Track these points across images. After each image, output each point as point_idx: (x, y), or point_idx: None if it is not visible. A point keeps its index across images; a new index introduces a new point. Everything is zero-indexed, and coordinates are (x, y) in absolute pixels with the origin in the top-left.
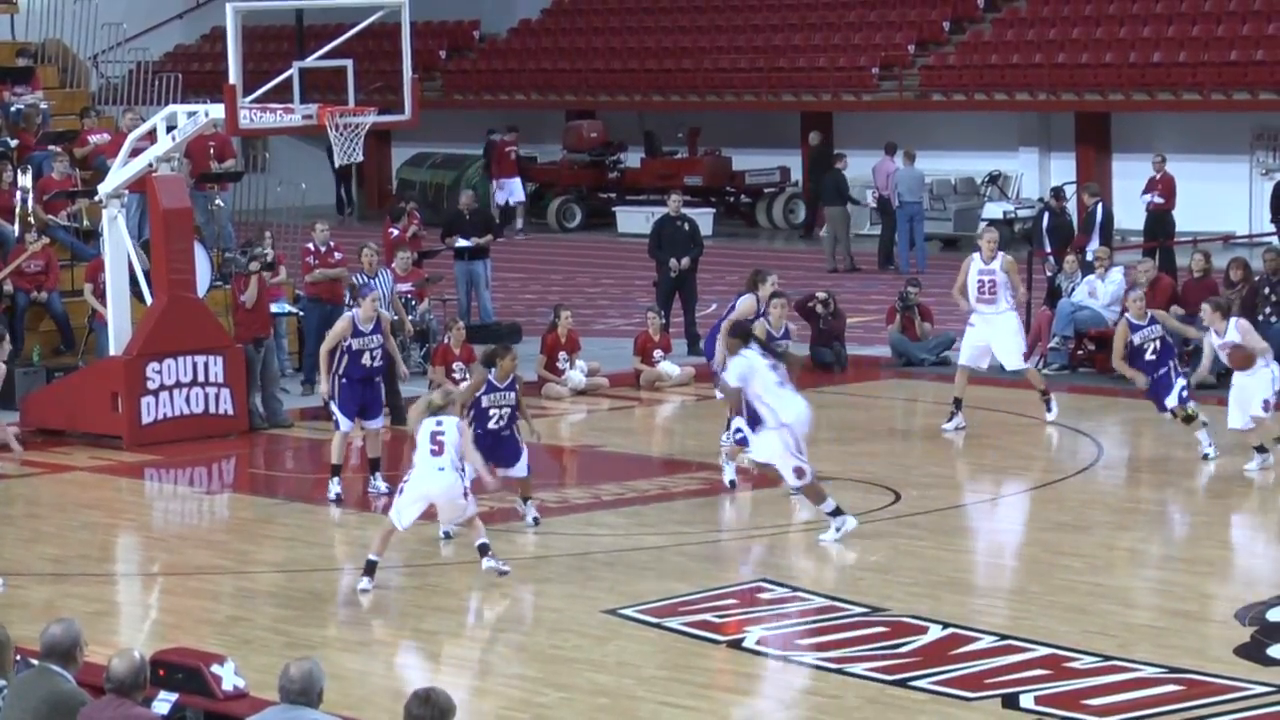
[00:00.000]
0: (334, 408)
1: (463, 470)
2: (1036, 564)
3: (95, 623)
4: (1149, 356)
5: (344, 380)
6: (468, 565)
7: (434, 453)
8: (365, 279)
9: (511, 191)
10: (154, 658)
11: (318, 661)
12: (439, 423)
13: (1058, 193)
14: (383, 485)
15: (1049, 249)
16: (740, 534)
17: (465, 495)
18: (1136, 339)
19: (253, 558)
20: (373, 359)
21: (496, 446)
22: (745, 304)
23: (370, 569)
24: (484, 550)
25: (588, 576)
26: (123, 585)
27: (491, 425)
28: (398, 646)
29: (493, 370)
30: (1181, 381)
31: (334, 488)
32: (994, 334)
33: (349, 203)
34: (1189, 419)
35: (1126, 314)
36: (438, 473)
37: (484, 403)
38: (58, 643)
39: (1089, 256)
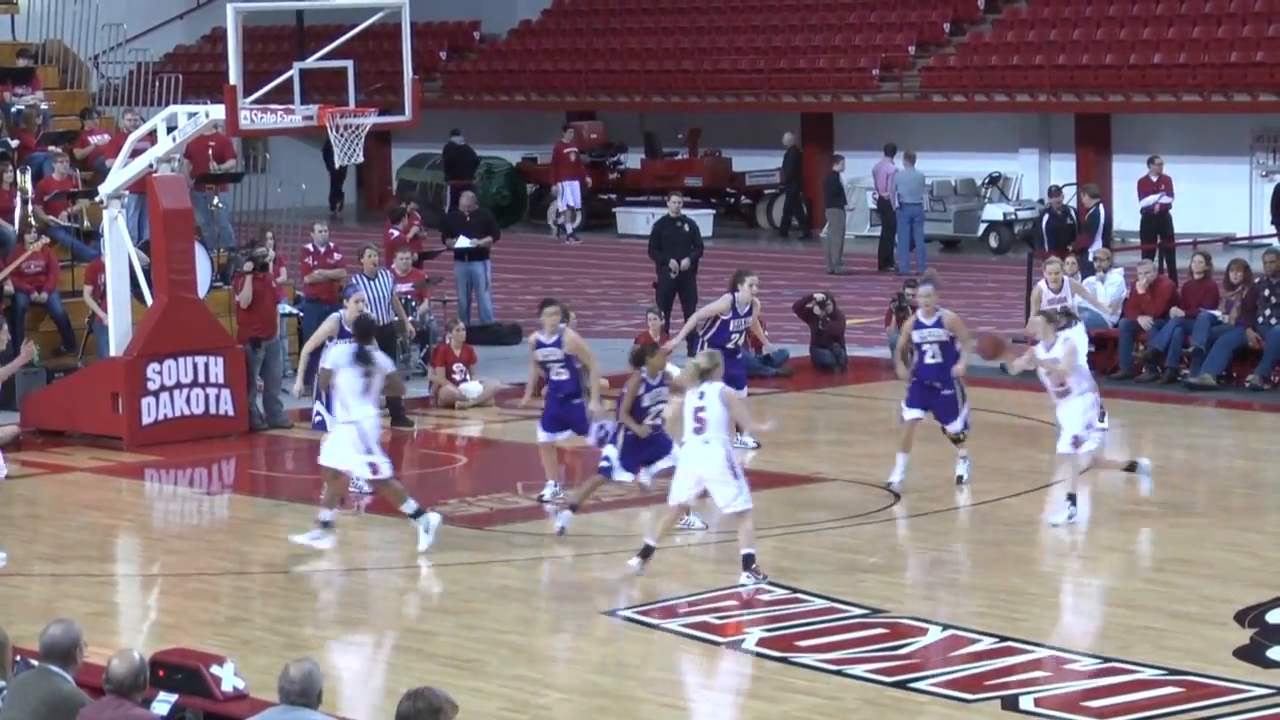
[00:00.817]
0: (320, 409)
1: (728, 445)
2: (1036, 565)
3: (95, 623)
4: (929, 360)
5: None
6: (468, 565)
7: (696, 430)
8: (353, 280)
9: (568, 195)
10: (153, 658)
11: (317, 662)
12: (701, 395)
13: (1055, 191)
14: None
15: (1049, 249)
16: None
17: (735, 474)
18: (916, 337)
19: (252, 559)
20: None
21: (652, 440)
22: (719, 303)
23: (646, 553)
24: (748, 562)
25: (587, 578)
26: (122, 586)
27: (649, 421)
28: (397, 648)
29: (644, 368)
30: (967, 409)
31: None
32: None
33: (338, 200)
34: (957, 441)
35: (916, 311)
36: (704, 447)
37: (644, 401)
38: (57, 643)
39: (1090, 258)
